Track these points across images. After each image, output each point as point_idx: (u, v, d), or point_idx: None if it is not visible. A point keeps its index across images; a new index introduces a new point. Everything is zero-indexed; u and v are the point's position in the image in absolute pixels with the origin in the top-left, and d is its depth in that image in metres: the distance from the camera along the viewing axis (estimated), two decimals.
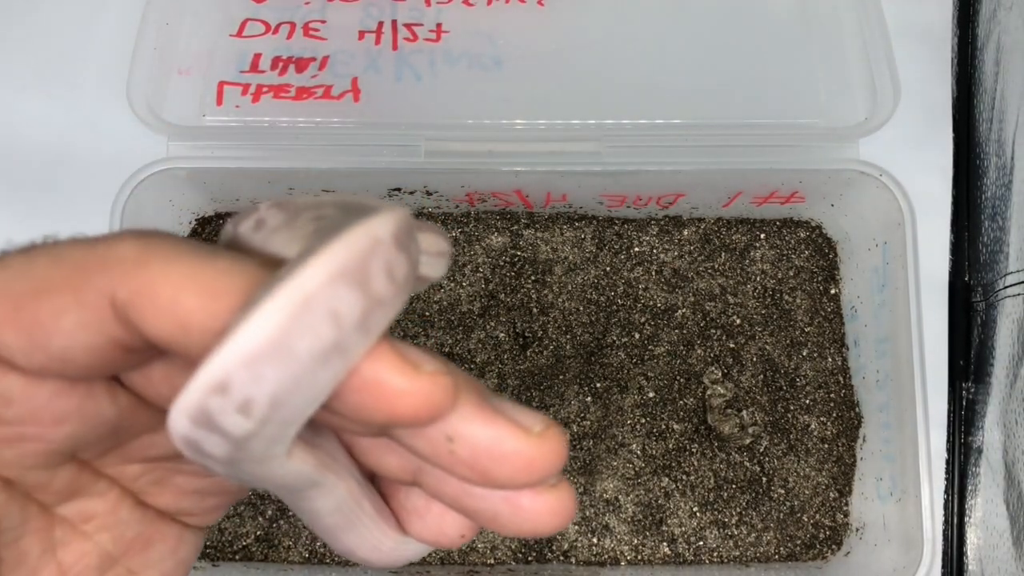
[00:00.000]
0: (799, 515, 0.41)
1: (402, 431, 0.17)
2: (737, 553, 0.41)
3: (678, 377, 0.42)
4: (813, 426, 0.42)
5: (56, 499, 0.19)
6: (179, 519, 0.21)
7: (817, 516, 0.41)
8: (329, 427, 0.18)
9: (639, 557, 0.41)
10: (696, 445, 0.42)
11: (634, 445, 0.42)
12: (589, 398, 0.42)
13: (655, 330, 0.43)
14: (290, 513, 0.41)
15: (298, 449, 0.17)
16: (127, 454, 0.20)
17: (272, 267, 0.16)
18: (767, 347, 0.43)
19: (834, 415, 0.42)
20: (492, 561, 0.41)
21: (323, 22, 0.41)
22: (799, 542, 0.41)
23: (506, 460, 0.16)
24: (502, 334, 0.43)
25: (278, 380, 0.14)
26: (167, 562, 0.21)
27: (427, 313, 0.43)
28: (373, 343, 0.15)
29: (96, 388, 0.18)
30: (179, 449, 0.16)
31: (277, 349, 0.14)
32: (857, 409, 0.42)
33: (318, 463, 0.17)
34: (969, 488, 0.42)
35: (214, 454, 0.15)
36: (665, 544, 0.41)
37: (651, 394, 0.42)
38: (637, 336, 0.43)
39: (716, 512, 0.41)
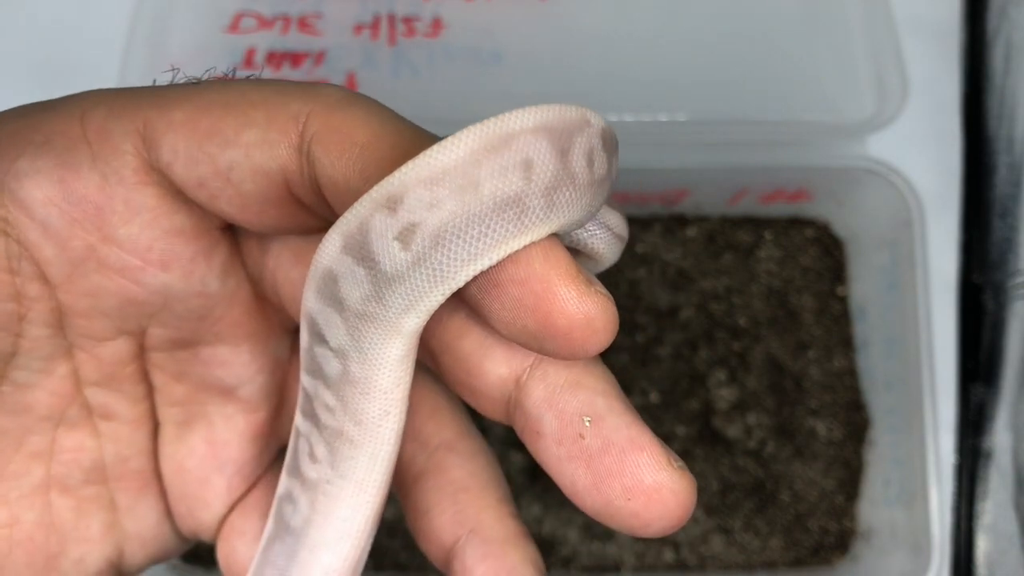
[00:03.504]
0: (805, 520, 0.41)
1: (546, 360, 0.16)
2: (742, 559, 0.41)
3: (682, 380, 0.42)
4: (820, 429, 0.42)
5: (95, 373, 0.18)
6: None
7: (824, 521, 0.41)
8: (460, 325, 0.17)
9: (642, 564, 0.40)
10: (701, 449, 0.41)
11: None
12: None
13: (659, 332, 0.42)
14: None
15: (410, 356, 0.16)
16: (184, 366, 0.19)
17: None
18: (773, 349, 0.42)
19: (841, 418, 0.42)
20: None
21: (319, 16, 0.41)
22: (805, 548, 0.41)
23: (637, 477, 0.15)
24: None
25: (452, 211, 0.14)
26: (150, 517, 0.20)
27: None
28: (550, 230, 0.15)
29: (216, 253, 0.18)
30: (301, 313, 0.15)
31: (464, 175, 0.14)
32: (865, 412, 0.42)
33: (406, 397, 0.16)
34: (979, 492, 0.42)
35: (346, 297, 0.14)
36: (669, 550, 0.41)
37: (654, 397, 0.42)
38: (640, 338, 0.42)
39: (721, 518, 0.41)
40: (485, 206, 0.14)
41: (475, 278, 0.15)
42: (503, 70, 0.40)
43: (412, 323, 0.15)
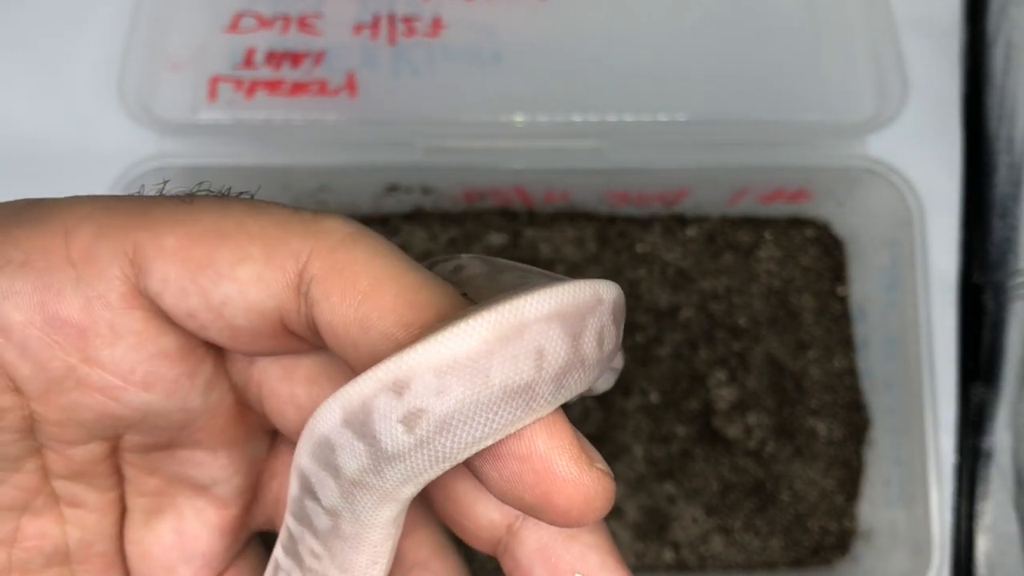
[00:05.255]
0: (805, 520, 0.41)
1: (540, 511, 0.15)
2: (742, 559, 0.41)
3: (682, 380, 0.42)
4: (820, 429, 0.42)
5: (64, 470, 0.18)
6: None
7: (824, 521, 0.41)
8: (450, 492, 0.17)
9: (642, 564, 0.40)
10: (700, 449, 0.41)
11: (637, 449, 0.41)
12: (591, 401, 0.41)
13: (658, 331, 0.42)
14: None
15: (403, 514, 0.16)
16: (158, 463, 0.19)
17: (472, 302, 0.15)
18: (773, 349, 0.42)
19: (841, 418, 0.42)
20: (490, 567, 0.40)
21: (318, 16, 0.41)
22: (805, 548, 0.41)
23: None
24: None
25: (460, 399, 0.13)
26: None
27: None
28: (556, 405, 0.14)
29: (200, 371, 0.17)
30: (291, 471, 0.14)
31: (474, 366, 0.13)
32: (865, 412, 0.42)
33: (395, 546, 0.16)
34: (979, 492, 0.42)
35: (342, 466, 0.14)
36: (669, 550, 0.41)
37: (654, 397, 0.42)
38: (640, 337, 0.42)
39: (721, 518, 0.41)
40: (494, 395, 0.13)
41: None
42: (503, 70, 0.40)
43: (408, 492, 0.15)
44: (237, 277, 0.15)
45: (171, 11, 0.40)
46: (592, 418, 0.41)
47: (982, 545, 0.41)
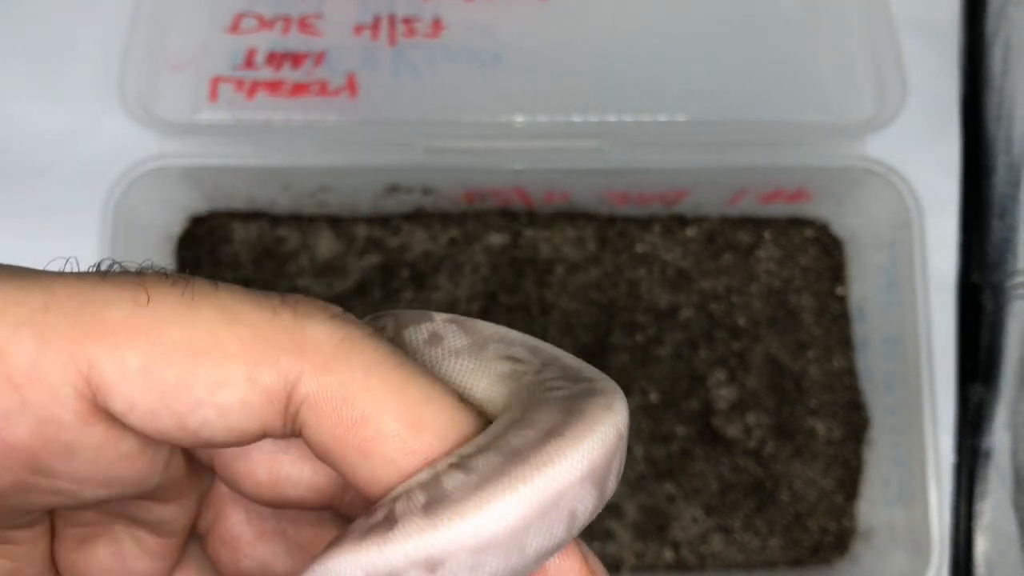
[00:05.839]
0: (805, 520, 0.41)
1: None
2: (742, 559, 0.41)
3: (682, 379, 0.42)
4: (820, 429, 0.42)
5: None
6: None
7: (823, 521, 0.41)
8: None
9: (642, 563, 0.40)
10: (700, 449, 0.41)
11: (637, 449, 0.41)
12: None
13: (658, 331, 0.42)
14: None
15: None
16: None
17: (461, 396, 0.14)
18: (773, 349, 0.43)
19: (841, 418, 0.42)
20: None
21: (319, 17, 0.41)
22: (805, 547, 0.41)
23: None
24: None
25: (494, 571, 0.13)
26: None
27: None
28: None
29: (159, 456, 0.15)
30: None
31: (511, 542, 0.13)
32: (864, 412, 0.42)
33: None
34: (978, 492, 0.42)
35: None
36: (668, 550, 0.41)
37: (654, 397, 0.42)
38: (640, 337, 0.42)
39: (720, 517, 0.41)
40: (528, 563, 0.13)
41: None
42: (503, 70, 0.40)
43: None
44: (217, 403, 0.13)
45: (172, 11, 0.40)
46: None
47: (981, 544, 0.41)
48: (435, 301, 0.43)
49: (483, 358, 0.16)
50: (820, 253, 0.44)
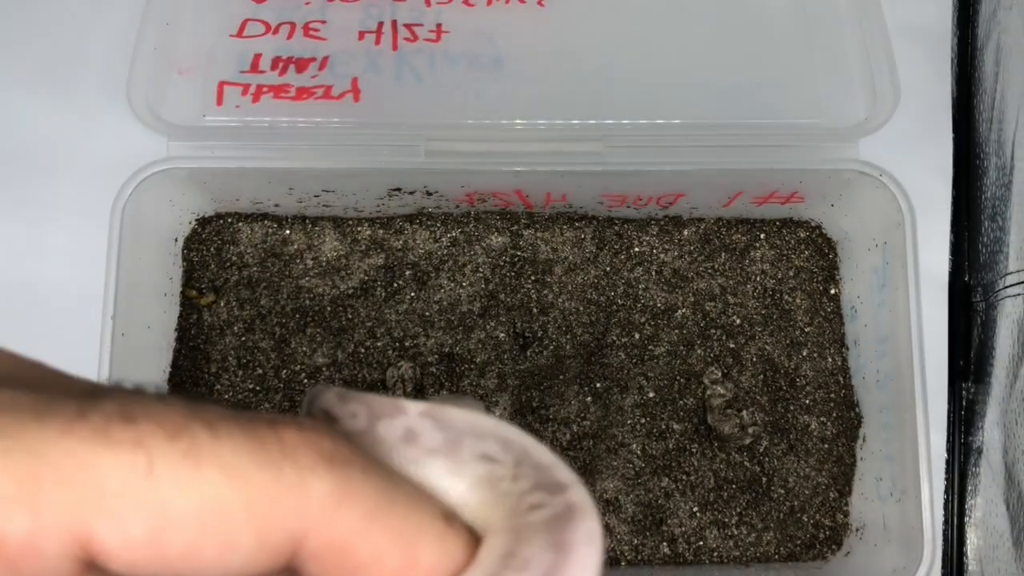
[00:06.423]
0: (799, 515, 0.41)
1: None
2: (737, 553, 0.41)
3: (678, 377, 0.42)
4: (813, 426, 0.42)
5: None
6: None
7: (817, 516, 0.41)
8: None
9: (639, 557, 0.41)
10: (696, 445, 0.42)
11: (634, 445, 0.42)
12: (589, 398, 0.42)
13: (655, 330, 0.43)
14: None
15: None
16: None
17: (445, 511, 0.15)
18: (767, 347, 0.43)
19: (834, 415, 0.42)
20: None
21: (323, 22, 0.41)
22: (799, 542, 0.41)
23: None
24: (502, 334, 0.43)
25: None
26: None
27: (427, 313, 0.43)
28: None
29: None
30: None
31: None
32: (857, 409, 0.42)
33: None
34: (969, 488, 0.42)
35: None
36: (665, 544, 0.41)
37: (651, 394, 0.42)
38: (637, 336, 0.43)
39: (716, 512, 0.41)
40: None
41: None
42: (504, 75, 0.40)
43: None
44: (223, 565, 0.13)
45: (179, 17, 0.41)
46: (590, 415, 0.42)
47: (972, 540, 0.42)
48: (437, 301, 0.43)
49: (459, 459, 0.16)
50: (814, 254, 0.44)
